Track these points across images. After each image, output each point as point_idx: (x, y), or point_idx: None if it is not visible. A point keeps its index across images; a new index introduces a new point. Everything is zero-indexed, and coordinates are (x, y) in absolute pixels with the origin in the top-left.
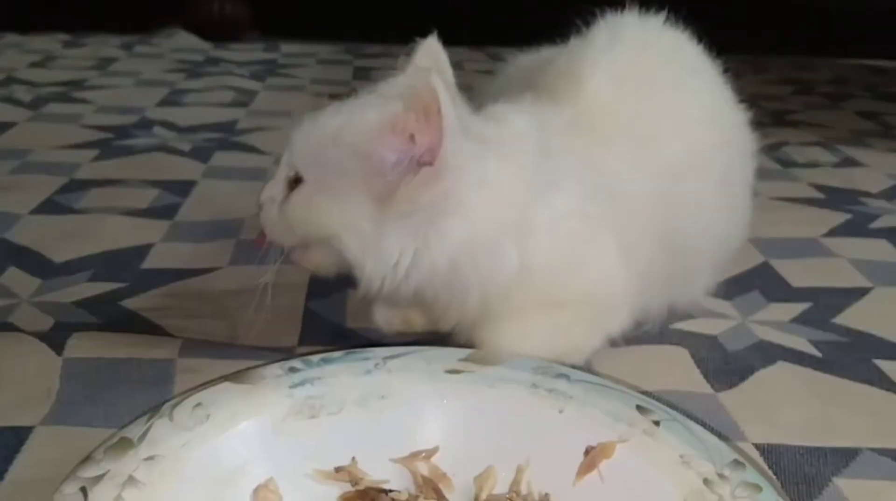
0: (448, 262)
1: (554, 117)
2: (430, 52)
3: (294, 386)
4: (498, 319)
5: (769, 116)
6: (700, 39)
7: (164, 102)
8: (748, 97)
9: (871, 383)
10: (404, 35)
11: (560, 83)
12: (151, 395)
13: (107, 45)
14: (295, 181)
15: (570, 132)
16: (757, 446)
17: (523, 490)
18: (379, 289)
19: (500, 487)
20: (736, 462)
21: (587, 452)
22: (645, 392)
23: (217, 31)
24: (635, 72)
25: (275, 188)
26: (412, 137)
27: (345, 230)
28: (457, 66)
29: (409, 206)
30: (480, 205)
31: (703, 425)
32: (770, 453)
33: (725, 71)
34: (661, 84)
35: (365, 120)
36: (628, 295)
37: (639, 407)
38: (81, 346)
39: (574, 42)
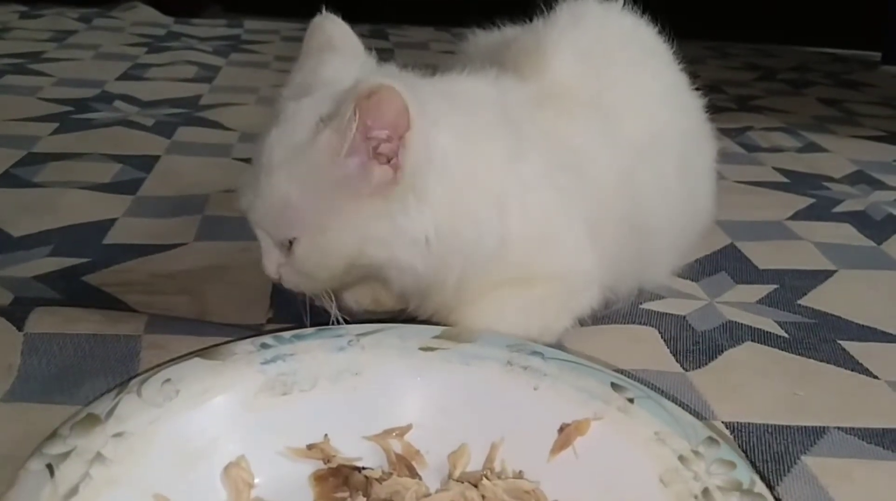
0: (435, 234)
1: (518, 90)
2: (324, 31)
3: (266, 362)
4: (471, 301)
5: (733, 102)
6: (664, 25)
7: (124, 76)
8: (713, 82)
9: (836, 363)
10: (368, 14)
11: (523, 59)
12: (116, 372)
13: (64, 17)
14: (289, 242)
15: (535, 105)
16: (726, 424)
17: (497, 467)
18: (420, 277)
19: (474, 464)
20: (710, 440)
21: (561, 429)
22: (618, 371)
23: (178, 6)
24: (597, 52)
25: (272, 259)
26: (366, 133)
27: (367, 244)
28: (422, 46)
29: (402, 183)
30: (459, 165)
31: (676, 403)
32: (739, 431)
33: (689, 58)
34: (622, 65)
35: (316, 153)
36: (597, 272)
37: (613, 385)
38: (43, 321)
39: (537, 22)
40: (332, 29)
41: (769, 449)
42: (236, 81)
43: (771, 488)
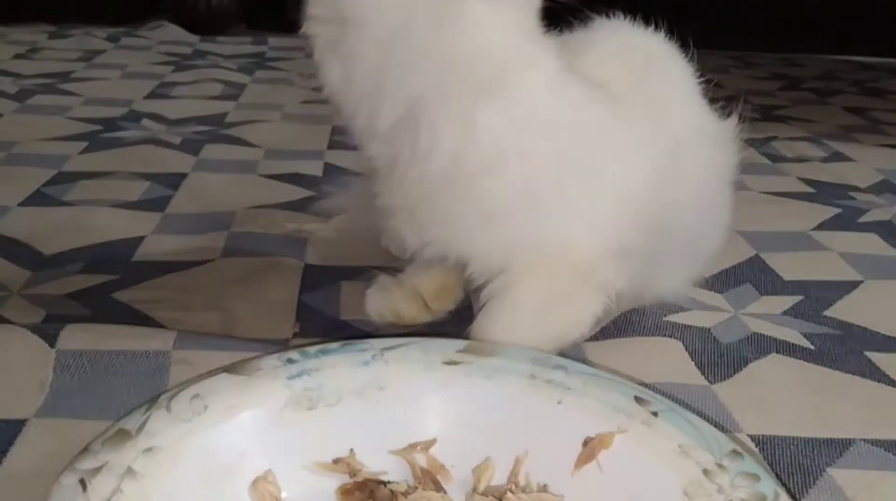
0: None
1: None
2: None
3: (292, 377)
4: (490, 307)
5: (758, 111)
6: (688, 36)
7: (152, 95)
8: (737, 92)
9: (863, 375)
10: None
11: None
12: (146, 387)
13: (92, 36)
14: None
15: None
16: (752, 437)
17: (521, 481)
18: None
19: (499, 478)
20: (734, 452)
21: (586, 443)
22: (642, 384)
23: (204, 24)
24: (636, 59)
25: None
26: None
27: None
28: None
29: None
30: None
31: (701, 416)
32: (765, 444)
33: (713, 68)
34: (660, 72)
35: None
36: (619, 244)
37: (637, 398)
38: (74, 337)
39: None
40: None
41: (795, 462)
42: (261, 98)
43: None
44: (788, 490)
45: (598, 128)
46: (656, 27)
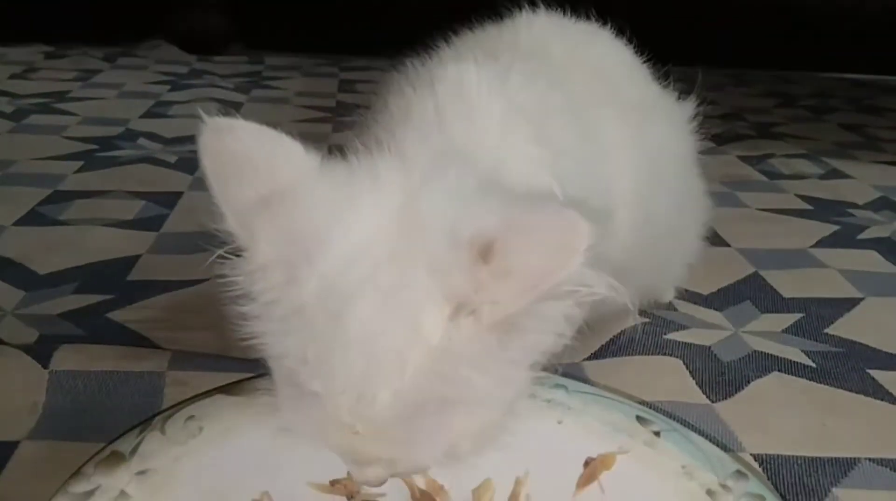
0: None
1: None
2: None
3: None
4: None
5: (754, 129)
6: (684, 53)
7: (148, 114)
8: (733, 110)
9: (866, 393)
10: (390, 48)
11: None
12: (141, 408)
13: (89, 56)
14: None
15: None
16: (755, 456)
17: None
18: None
19: (499, 500)
20: (738, 473)
21: (587, 463)
22: (643, 403)
23: (200, 44)
24: (566, 37)
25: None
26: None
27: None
28: None
29: None
30: None
31: (703, 435)
32: (769, 463)
33: (709, 85)
34: (595, 47)
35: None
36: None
37: (639, 418)
38: (68, 358)
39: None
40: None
41: (799, 482)
42: (258, 117)
43: None
44: None
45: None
46: (644, 44)
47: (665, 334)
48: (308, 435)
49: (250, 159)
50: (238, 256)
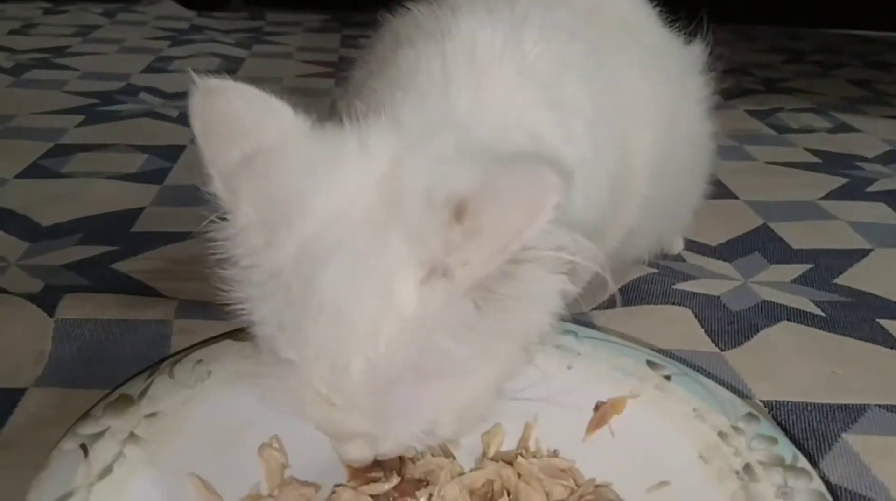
0: None
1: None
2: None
3: None
4: None
5: (761, 84)
6: (692, 9)
7: (149, 69)
8: (740, 65)
9: (875, 341)
10: (393, 2)
11: None
12: (147, 356)
13: (88, 12)
14: None
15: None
16: (765, 403)
17: (531, 447)
18: None
19: (508, 445)
20: (750, 416)
21: (597, 408)
22: (654, 350)
23: (199, 0)
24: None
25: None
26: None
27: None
28: None
29: None
30: None
31: (715, 380)
32: (778, 410)
33: (716, 41)
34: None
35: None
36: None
37: (649, 362)
38: (73, 307)
39: None
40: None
41: (809, 427)
42: (260, 72)
43: (813, 465)
44: (807, 453)
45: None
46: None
47: (674, 284)
48: (286, 406)
49: (239, 121)
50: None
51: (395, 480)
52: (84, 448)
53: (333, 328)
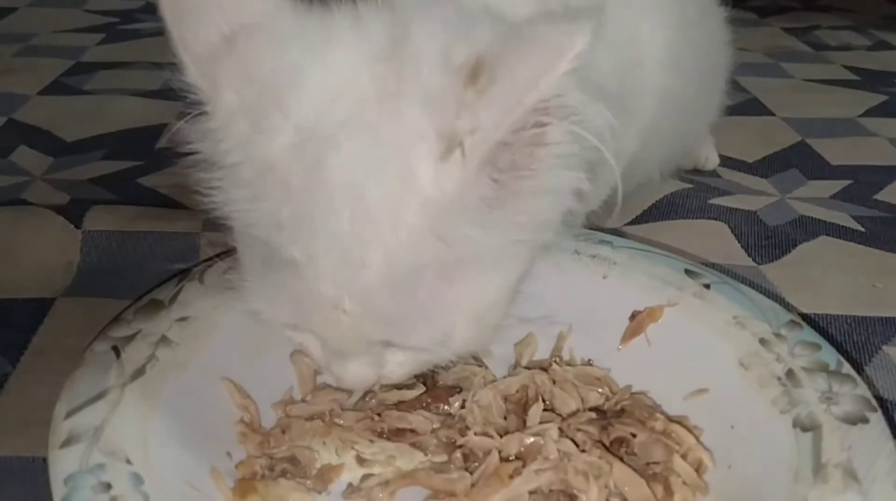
0: None
1: None
2: None
3: None
4: None
5: (798, 1)
6: None
7: None
8: None
9: None
10: None
11: None
12: (175, 267)
13: None
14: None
15: None
16: (804, 316)
17: (565, 356)
18: None
19: (541, 354)
20: (793, 323)
21: (633, 317)
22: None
23: None
24: None
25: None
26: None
27: None
28: None
29: None
30: None
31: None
32: (817, 322)
33: None
34: None
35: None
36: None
37: (687, 271)
38: (101, 219)
39: None
40: None
41: (849, 339)
42: None
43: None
44: (852, 359)
45: None
46: None
47: (710, 199)
48: (282, 319)
49: None
50: (201, 114)
51: (421, 389)
52: (116, 349)
53: (346, 215)
